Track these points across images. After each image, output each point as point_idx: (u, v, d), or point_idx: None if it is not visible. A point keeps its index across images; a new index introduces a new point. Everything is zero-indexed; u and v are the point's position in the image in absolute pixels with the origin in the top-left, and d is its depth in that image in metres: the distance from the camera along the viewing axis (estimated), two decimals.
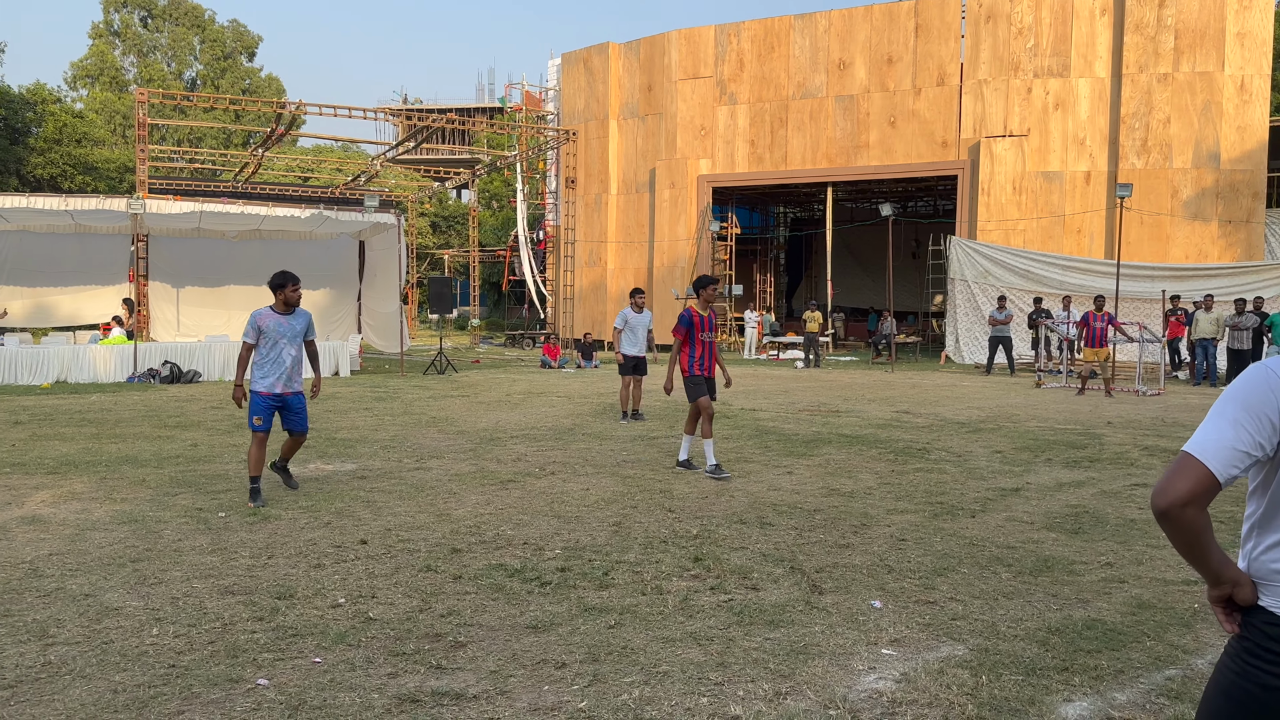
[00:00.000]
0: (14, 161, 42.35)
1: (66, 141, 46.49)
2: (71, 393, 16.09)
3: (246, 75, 61.48)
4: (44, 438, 10.78)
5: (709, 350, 8.97)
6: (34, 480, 8.27)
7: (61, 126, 46.62)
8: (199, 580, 5.37)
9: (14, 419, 12.42)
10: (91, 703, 3.74)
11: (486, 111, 58.59)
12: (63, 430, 11.43)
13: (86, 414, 13.08)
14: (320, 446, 10.28)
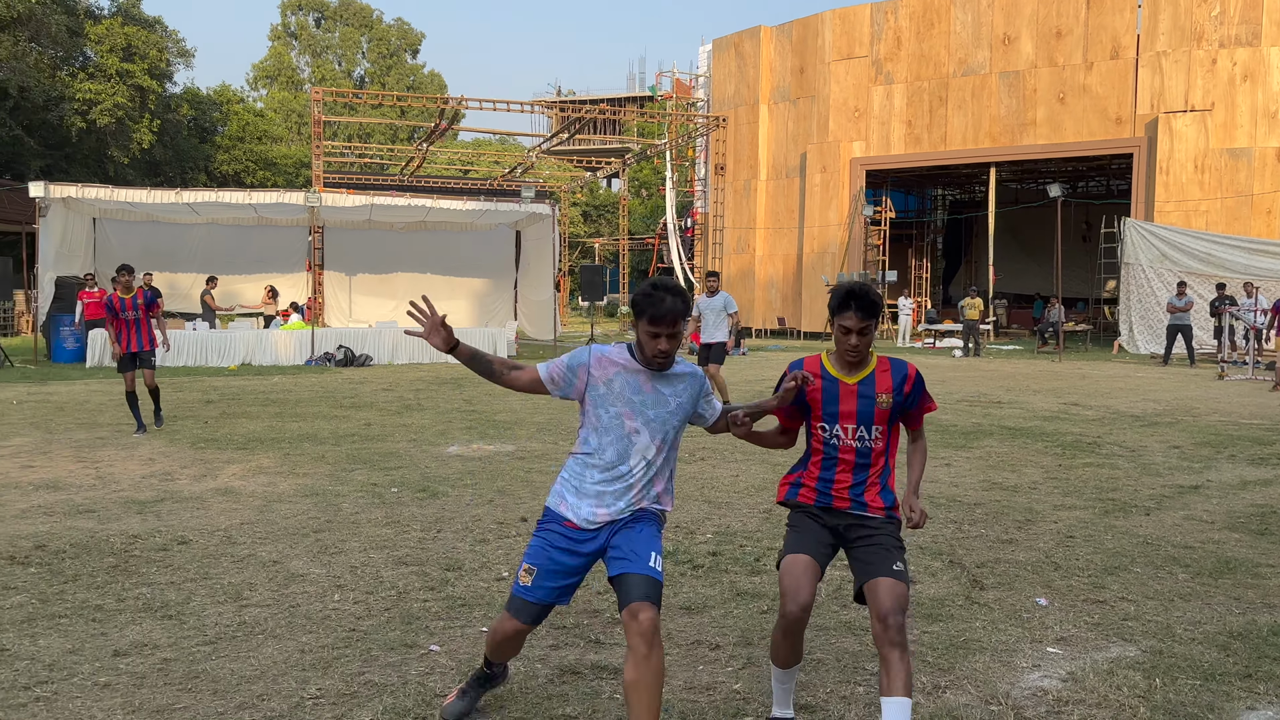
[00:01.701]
0: (202, 159, 45.64)
1: (249, 139, 49.75)
2: (256, 374, 17.30)
3: (411, 72, 64.16)
4: (233, 416, 11.65)
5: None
6: (225, 455, 8.96)
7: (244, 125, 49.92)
8: (375, 551, 5.72)
9: (206, 398, 13.47)
10: (282, 660, 4.06)
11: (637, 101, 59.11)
12: (249, 409, 12.31)
13: (270, 394, 14.03)
14: (481, 428, 10.70)
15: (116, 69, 35.79)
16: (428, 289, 24.53)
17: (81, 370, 17.65)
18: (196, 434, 10.17)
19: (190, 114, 44.97)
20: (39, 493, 7.26)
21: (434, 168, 43.15)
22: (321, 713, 3.56)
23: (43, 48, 34.77)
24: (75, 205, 20.37)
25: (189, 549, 5.76)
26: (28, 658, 4.04)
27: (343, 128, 56.21)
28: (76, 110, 34.13)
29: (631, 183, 53.31)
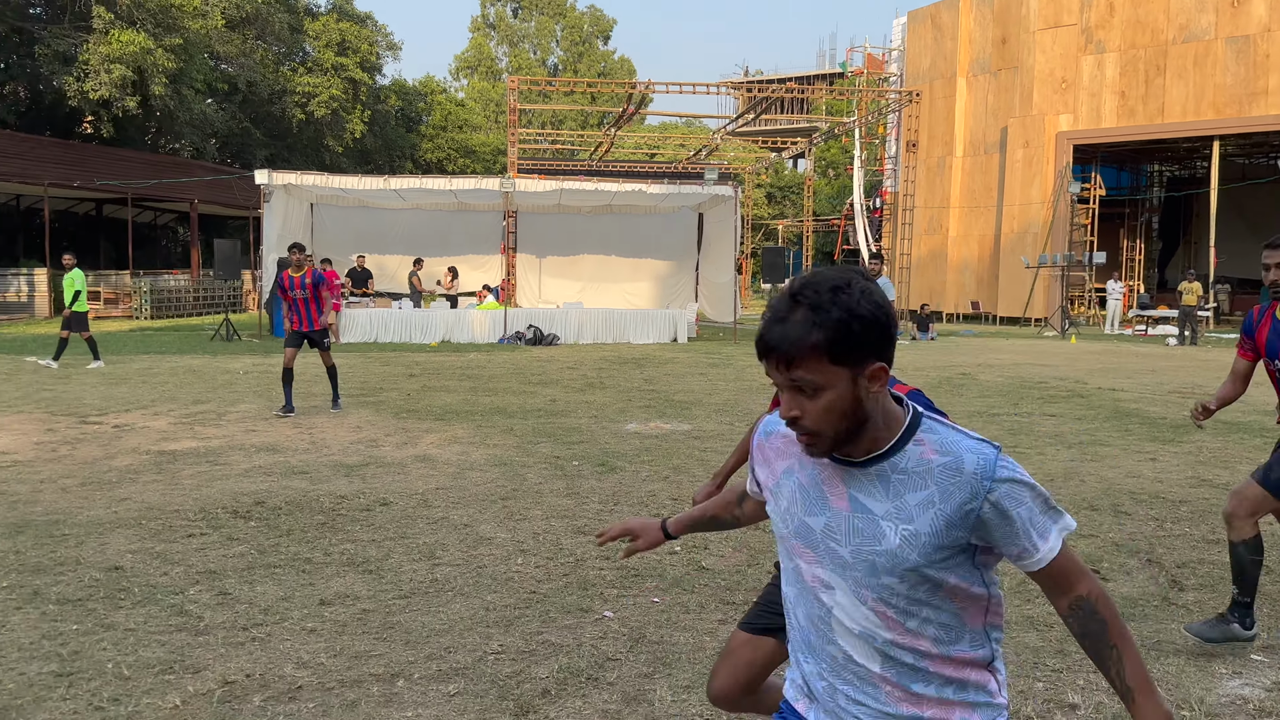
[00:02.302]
0: (409, 147, 48.30)
1: (450, 128, 52.23)
2: (454, 351, 18.23)
3: (602, 59, 65.43)
4: (432, 389, 12.35)
5: None
6: (424, 425, 9.53)
7: (447, 114, 52.44)
8: (556, 519, 5.96)
9: (409, 373, 14.33)
10: (468, 616, 4.32)
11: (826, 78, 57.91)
12: (447, 383, 13.02)
13: (466, 370, 14.78)
14: (659, 407, 10.88)
15: (332, 63, 38.41)
16: (612, 271, 25.09)
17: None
18: (399, 405, 10.86)
19: (398, 105, 47.64)
20: (260, 455, 7.97)
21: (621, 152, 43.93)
22: (501, 667, 3.77)
23: (268, 45, 37.74)
24: (295, 191, 22.04)
25: (389, 510, 6.19)
26: (246, 601, 4.48)
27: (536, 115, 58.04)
28: (297, 103, 36.88)
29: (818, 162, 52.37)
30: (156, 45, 25.65)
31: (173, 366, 14.69)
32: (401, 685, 3.60)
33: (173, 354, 16.75)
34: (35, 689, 3.51)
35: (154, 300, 27.95)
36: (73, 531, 5.59)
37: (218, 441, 8.49)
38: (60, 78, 25.79)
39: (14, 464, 7.42)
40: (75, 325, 14.28)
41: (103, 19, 25.15)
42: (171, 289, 29.63)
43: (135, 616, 4.25)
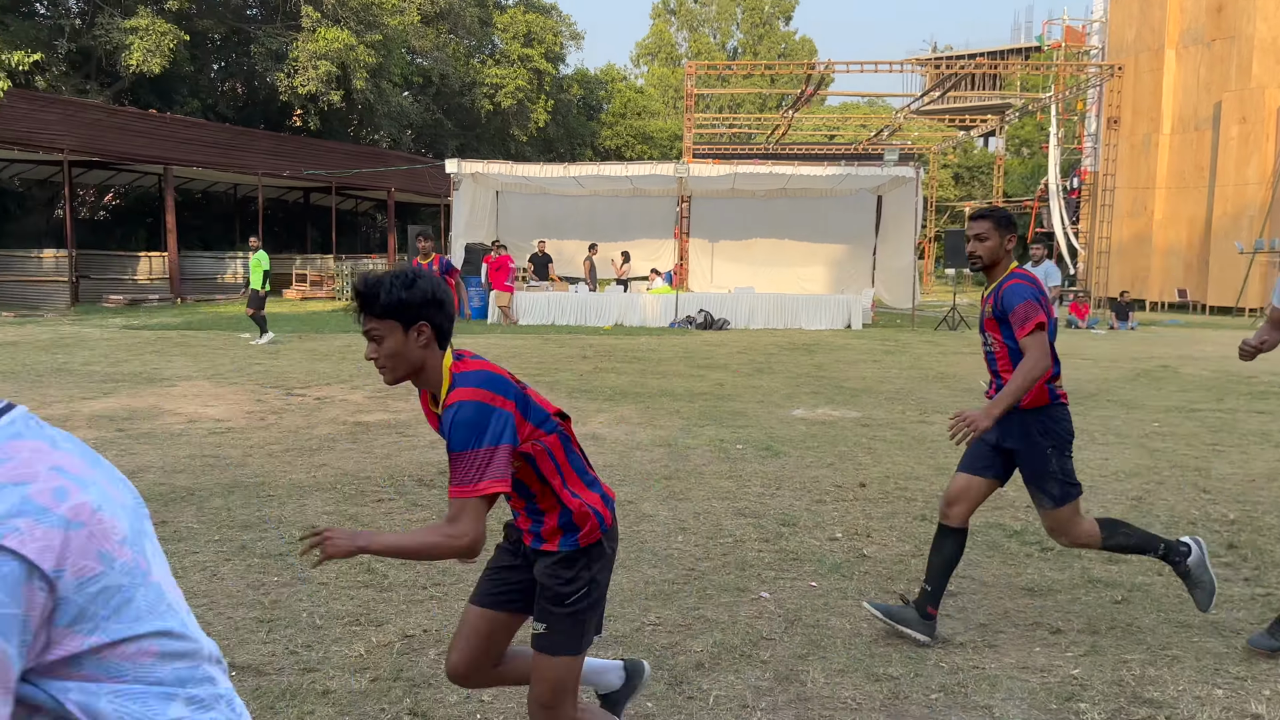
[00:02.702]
0: (589, 135, 49.37)
1: (630, 115, 53.00)
2: (626, 334, 18.60)
3: (782, 40, 64.67)
4: (604, 370, 12.67)
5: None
6: (595, 405, 9.81)
7: (626, 102, 53.23)
8: (717, 500, 6.03)
9: (582, 354, 14.74)
10: (629, 589, 4.46)
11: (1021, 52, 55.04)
12: (618, 365, 13.32)
13: (636, 352, 15.06)
14: (828, 393, 10.75)
15: (518, 54, 39.73)
16: (785, 255, 24.85)
17: (483, 325, 20.02)
18: (573, 385, 11.21)
19: (579, 94, 48.77)
20: None
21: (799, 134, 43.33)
22: (658, 639, 3.89)
23: (459, 38, 39.44)
24: (482, 180, 23.01)
25: None
26: (425, 564, 4.79)
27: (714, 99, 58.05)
28: (485, 94, 38.39)
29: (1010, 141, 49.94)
30: (358, 42, 27.31)
31: None
32: None
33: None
34: (240, 632, 3.90)
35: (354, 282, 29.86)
36: (276, 493, 6.11)
37: (406, 415, 9.05)
38: (272, 74, 27.89)
39: (227, 430, 8.16)
40: (254, 303, 15.73)
41: (310, 18, 26.99)
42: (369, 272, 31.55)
43: (328, 572, 4.63)
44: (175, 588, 1.23)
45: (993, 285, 3.95)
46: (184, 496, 5.96)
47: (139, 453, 7.20)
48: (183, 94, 30.52)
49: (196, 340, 15.77)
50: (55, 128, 23.04)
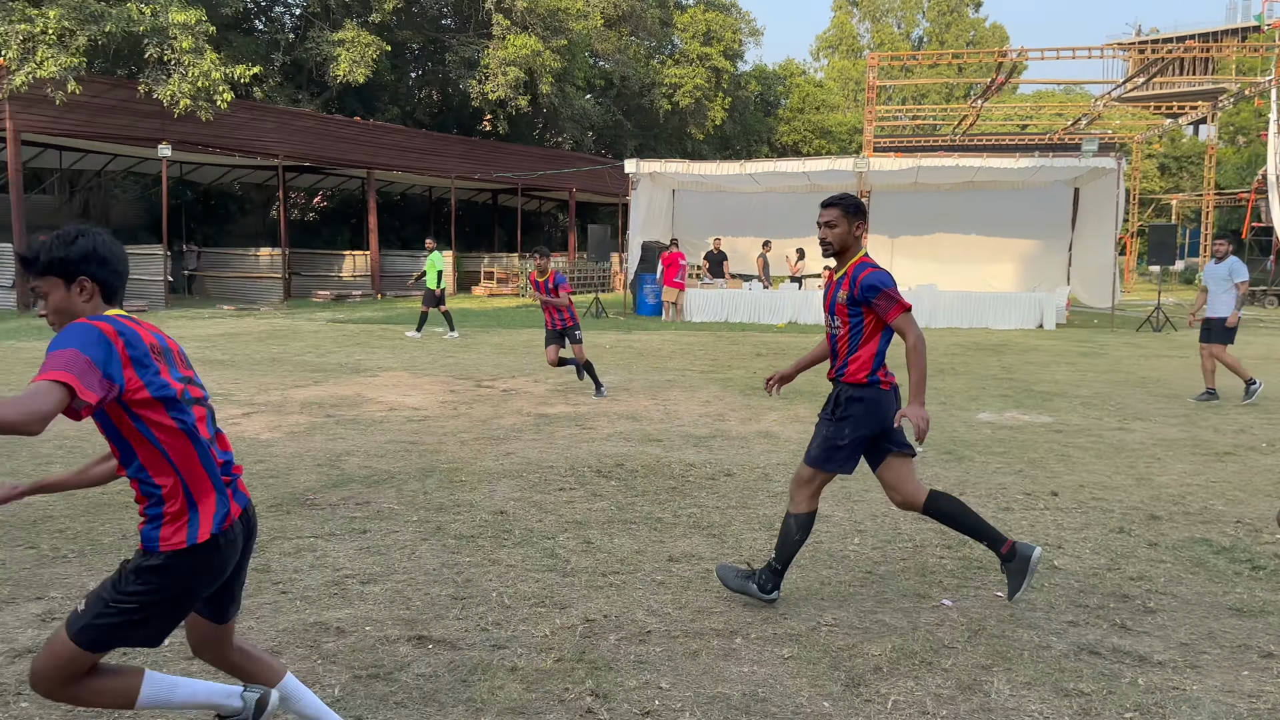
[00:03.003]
0: (765, 131, 49.07)
1: (808, 109, 52.33)
2: (800, 332, 18.43)
3: (971, 27, 62.16)
4: (777, 368, 12.60)
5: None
6: (768, 403, 9.79)
7: (804, 96, 52.57)
8: None
9: (755, 352, 14.72)
10: (803, 587, 4.46)
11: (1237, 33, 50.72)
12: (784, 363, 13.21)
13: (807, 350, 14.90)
14: (1016, 397, 10.31)
15: (697, 53, 39.96)
16: (971, 250, 23.89)
17: (658, 323, 20.31)
18: (746, 382, 11.23)
19: (757, 90, 48.54)
20: (621, 422, 8.65)
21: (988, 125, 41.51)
22: (835, 639, 3.87)
23: (640, 39, 40.07)
24: (659, 179, 23.33)
25: (733, 480, 6.49)
26: (606, 551, 4.95)
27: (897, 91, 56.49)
28: (664, 94, 38.84)
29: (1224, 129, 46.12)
30: (545, 47, 28.23)
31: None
32: (739, 642, 3.83)
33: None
34: (436, 607, 4.16)
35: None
36: (468, 478, 6.45)
37: (586, 408, 9.33)
38: (465, 81, 29.22)
39: (424, 419, 8.66)
40: (427, 300, 16.62)
41: (501, 25, 28.11)
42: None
43: (515, 555, 4.86)
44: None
45: (844, 270, 4.13)
46: (385, 479, 6.39)
47: (346, 437, 7.76)
48: (384, 101, 32.43)
49: (395, 334, 16.75)
50: (271, 135, 25.01)
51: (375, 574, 4.56)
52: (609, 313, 21.99)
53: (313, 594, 4.29)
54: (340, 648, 3.71)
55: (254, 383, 10.67)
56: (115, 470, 2.72)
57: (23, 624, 3.89)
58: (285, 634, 3.84)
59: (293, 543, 5.02)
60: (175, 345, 2.65)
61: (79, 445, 7.26)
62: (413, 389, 10.43)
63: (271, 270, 26.91)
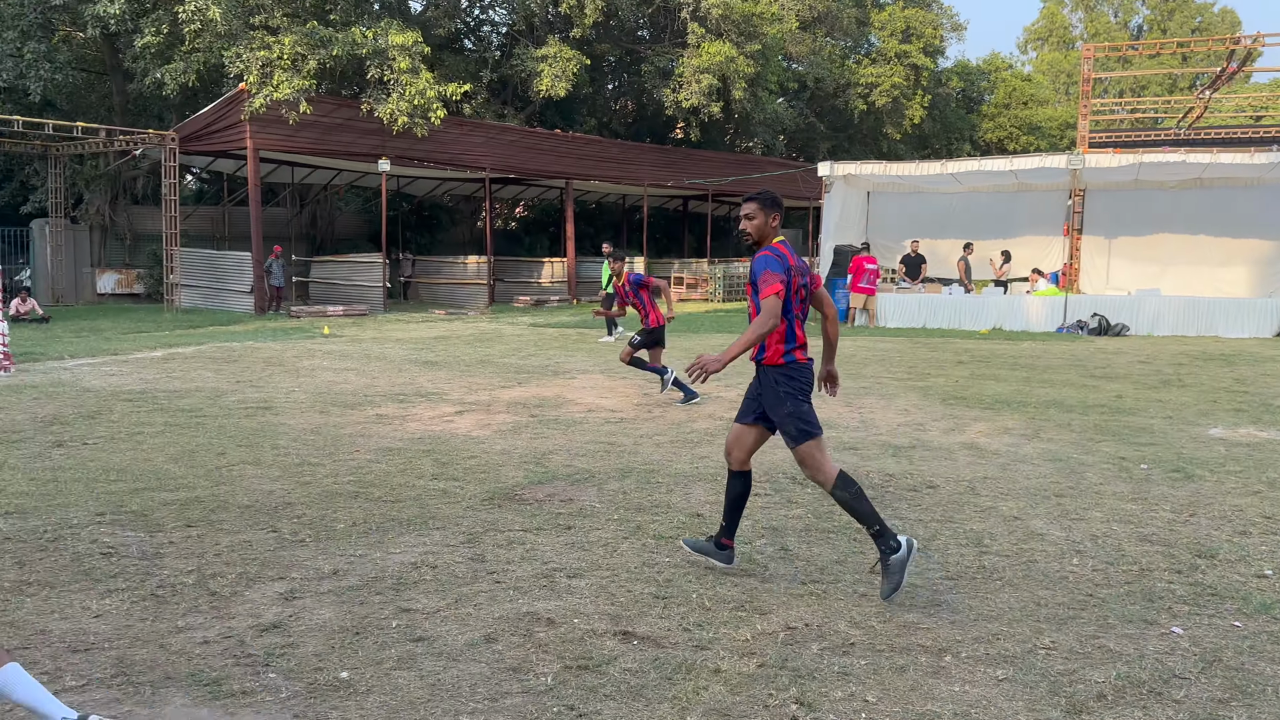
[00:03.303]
0: (967, 129, 47.15)
1: (1014, 105, 49.88)
2: (1005, 339, 17.60)
3: (1197, 13, 57.49)
4: (981, 377, 12.10)
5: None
6: (972, 413, 9.41)
7: (1010, 91, 50.15)
8: (1118, 524, 5.56)
9: (957, 359, 14.17)
10: (1017, 608, 4.26)
11: None
12: (997, 372, 12.65)
13: (1018, 359, 14.20)
14: (1253, 411, 9.44)
15: (895, 51, 38.88)
16: (1198, 252, 22.02)
17: (849, 329, 19.91)
18: (947, 391, 10.84)
19: (959, 86, 46.72)
20: None
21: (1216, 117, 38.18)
22: (1053, 663, 3.69)
23: (835, 40, 39.43)
24: (853, 181, 22.85)
25: (935, 493, 6.28)
26: (804, 559, 4.91)
27: (1113, 83, 52.91)
28: (859, 94, 38.03)
29: None
30: (739, 53, 28.27)
31: None
32: (949, 661, 3.71)
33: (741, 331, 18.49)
34: (639, 605, 4.26)
35: (726, 284, 31.04)
36: (664, 480, 6.56)
37: None
38: (659, 90, 29.69)
39: (620, 420, 8.87)
40: (605, 304, 17.33)
41: (696, 34, 28.39)
42: (741, 274, 32.61)
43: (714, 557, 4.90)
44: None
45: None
46: (586, 478, 6.59)
47: (549, 436, 8.06)
48: (582, 114, 33.43)
49: (591, 338, 17.24)
50: (479, 149, 26.30)
51: (580, 569, 4.71)
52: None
53: (524, 585, 4.49)
54: (551, 638, 3.87)
55: (464, 383, 11.25)
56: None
57: (268, 601, 4.27)
58: (500, 621, 4.03)
59: (504, 535, 5.27)
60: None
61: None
62: (609, 391, 10.70)
63: (478, 277, 28.27)
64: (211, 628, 3.95)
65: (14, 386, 10.45)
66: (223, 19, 20.83)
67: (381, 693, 3.39)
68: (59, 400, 9.59)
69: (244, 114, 21.43)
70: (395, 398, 10.04)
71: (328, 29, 21.88)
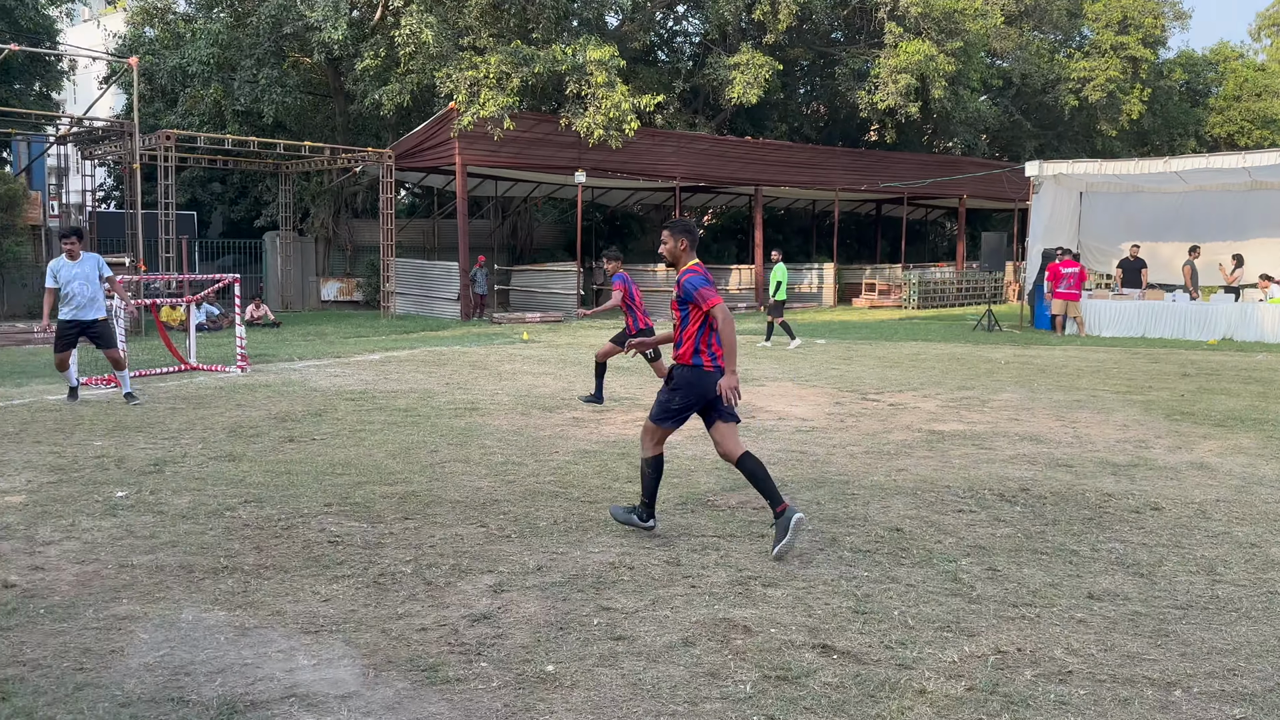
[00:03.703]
0: (1192, 123, 43.60)
1: (1245, 97, 45.73)
2: (1236, 350, 16.15)
3: None
4: (1210, 391, 11.15)
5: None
6: (1201, 430, 8.68)
7: (1241, 82, 46.01)
8: None
9: (1182, 371, 13.13)
10: (1256, 641, 3.90)
11: None
12: (1228, 386, 11.62)
13: (1252, 372, 13.00)
14: None
15: (1110, 43, 36.44)
16: None
17: (1060, 337, 18.81)
18: (1171, 406, 10.06)
19: (1182, 79, 43.29)
20: (1023, 443, 8.12)
21: None
22: None
23: (1044, 34, 37.39)
24: (1064, 180, 21.59)
25: (1161, 516, 5.84)
26: (1015, 580, 4.68)
27: None
28: (1070, 89, 35.88)
29: None
30: (939, 51, 27.30)
31: (938, 353, 15.66)
32: (1178, 695, 3.44)
33: (937, 341, 17.86)
34: (838, 618, 4.18)
35: (920, 291, 30.04)
36: (859, 492, 6.42)
37: (983, 426, 8.88)
38: (853, 93, 29.08)
39: (811, 430, 8.75)
40: (774, 311, 17.30)
41: (893, 33, 27.64)
42: (936, 280, 31.47)
43: (915, 575, 4.75)
44: None
45: (678, 276, 5.21)
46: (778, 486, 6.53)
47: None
48: (773, 119, 33.26)
49: (779, 345, 17.10)
50: (670, 159, 26.65)
51: (775, 578, 4.68)
52: (1003, 325, 20.76)
53: (719, 590, 4.50)
54: (748, 646, 3.86)
55: (655, 389, 11.41)
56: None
57: (479, 593, 4.48)
58: (697, 626, 4.06)
59: (698, 540, 5.31)
60: None
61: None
62: (799, 399, 10.57)
63: (669, 284, 28.63)
64: (428, 615, 4.19)
65: (250, 385, 11.45)
66: (434, 41, 22.07)
67: (585, 688, 3.48)
68: (289, 398, 10.43)
69: (453, 131, 22.63)
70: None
71: (530, 47, 22.77)
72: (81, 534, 5.37)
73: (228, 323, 19.65)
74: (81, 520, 5.63)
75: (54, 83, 27.59)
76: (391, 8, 23.19)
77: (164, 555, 5.01)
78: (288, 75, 25.42)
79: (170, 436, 8.24)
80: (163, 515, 5.76)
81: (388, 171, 23.95)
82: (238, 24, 25.35)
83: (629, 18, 27.48)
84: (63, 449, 7.68)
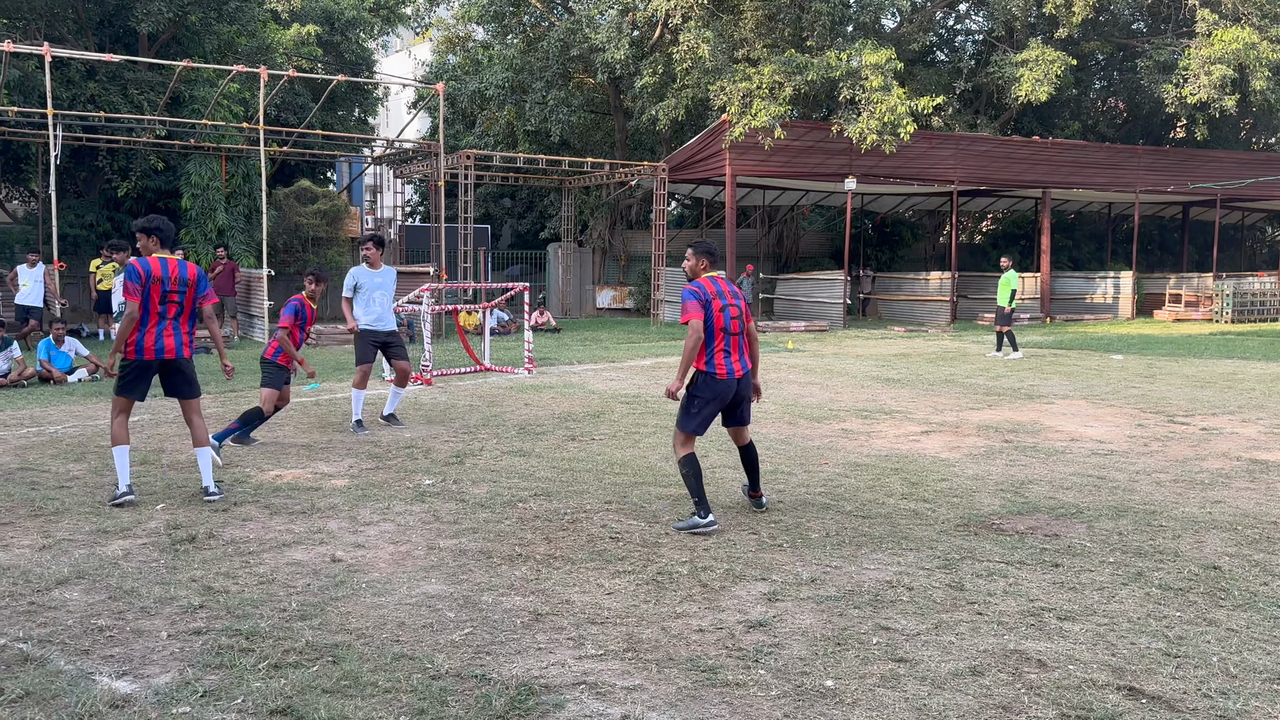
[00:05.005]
0: None
1: None
2: None
3: None
4: None
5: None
6: None
7: None
8: None
9: None
10: None
11: None
12: None
13: None
14: None
15: None
16: None
17: None
18: None
19: None
20: None
21: None
22: None
23: None
24: None
25: None
26: None
27: None
28: None
29: None
30: (1261, 38, 24.36)
31: (1259, 373, 13.97)
32: None
33: (1258, 360, 15.93)
34: (1145, 659, 3.83)
35: (1236, 303, 26.93)
36: (1169, 524, 5.84)
37: None
38: (1158, 86, 26.54)
39: (1110, 453, 8.07)
40: (1000, 319, 16.57)
41: (1206, 21, 24.98)
42: (1255, 292, 28.09)
43: (1236, 618, 4.26)
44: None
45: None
46: (1073, 513, 6.09)
47: (1026, 464, 7.58)
48: (1064, 117, 31.10)
49: (1069, 360, 15.94)
50: (947, 162, 25.59)
51: (1073, 611, 4.36)
52: None
53: (1009, 620, 4.26)
54: (1044, 681, 3.62)
55: (928, 402, 10.99)
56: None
57: (753, 599, 4.51)
58: (985, 655, 3.87)
59: (983, 565, 5.05)
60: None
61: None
62: (1094, 419, 9.79)
63: (940, 293, 27.50)
64: (704, 617, 4.27)
65: (536, 386, 12.20)
66: (710, 55, 22.52)
67: (867, 707, 3.41)
68: (570, 399, 11.01)
69: (724, 143, 22.97)
70: (859, 413, 10.09)
71: (804, 56, 22.67)
72: (395, 516, 5.94)
73: (515, 328, 21.07)
74: (395, 504, 6.24)
75: (370, 109, 30.78)
76: (671, 25, 23.89)
77: (466, 540, 5.44)
78: (573, 96, 26.86)
79: (469, 431, 8.94)
80: (464, 503, 6.26)
81: (661, 184, 24.70)
82: (529, 49, 27.11)
83: (907, 19, 26.67)
84: (378, 439, 8.55)
